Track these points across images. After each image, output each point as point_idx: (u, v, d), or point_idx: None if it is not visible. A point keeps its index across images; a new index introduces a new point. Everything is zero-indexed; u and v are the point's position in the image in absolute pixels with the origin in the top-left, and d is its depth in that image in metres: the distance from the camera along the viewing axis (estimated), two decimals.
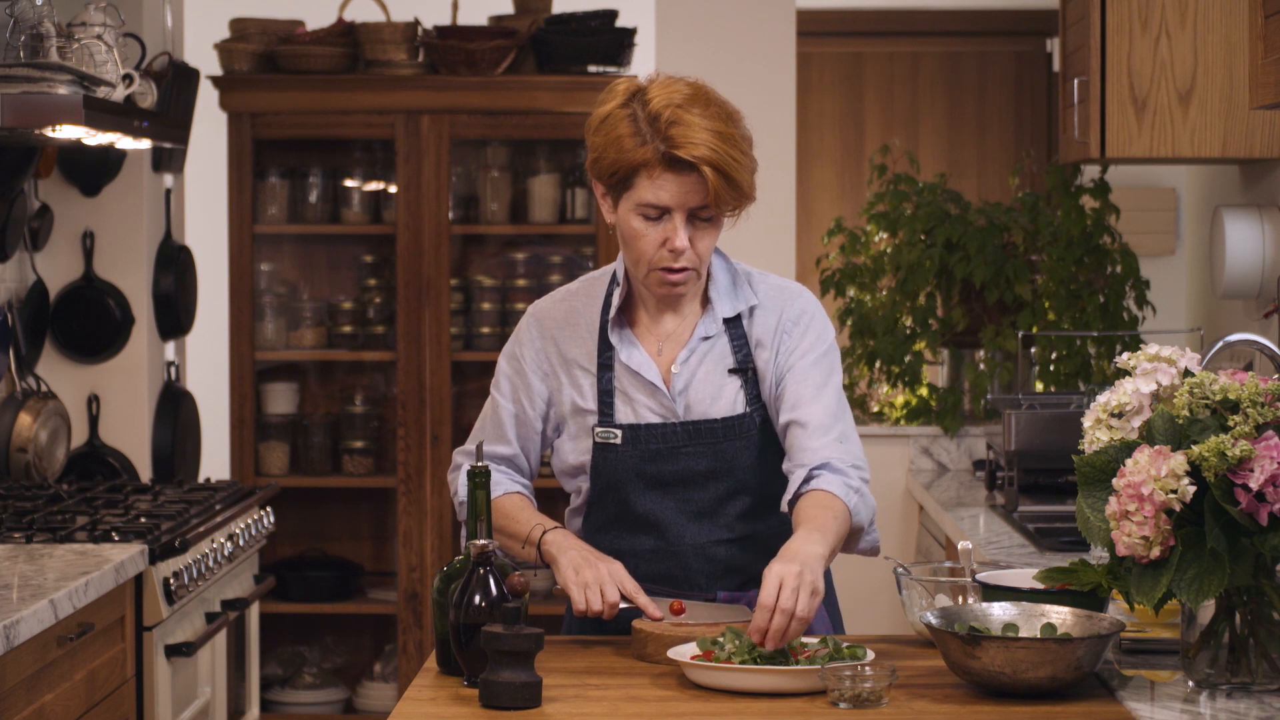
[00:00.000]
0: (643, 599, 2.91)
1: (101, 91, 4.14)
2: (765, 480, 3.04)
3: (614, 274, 3.10)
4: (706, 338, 3.05)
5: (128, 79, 4.30)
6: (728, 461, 3.02)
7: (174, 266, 5.31)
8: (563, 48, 5.80)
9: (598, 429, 3.04)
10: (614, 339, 3.05)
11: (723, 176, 2.88)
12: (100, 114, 4.04)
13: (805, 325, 3.05)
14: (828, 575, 3.16)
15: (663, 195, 2.91)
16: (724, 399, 3.03)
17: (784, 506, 2.96)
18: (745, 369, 3.04)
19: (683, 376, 3.03)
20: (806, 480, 2.93)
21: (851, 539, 2.97)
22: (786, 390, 3.00)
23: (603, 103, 2.98)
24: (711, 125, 2.89)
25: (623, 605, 2.91)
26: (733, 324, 3.06)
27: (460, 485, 3.09)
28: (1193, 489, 2.45)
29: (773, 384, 3.03)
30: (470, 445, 3.16)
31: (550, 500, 3.32)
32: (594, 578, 2.90)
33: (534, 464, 3.17)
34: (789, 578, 2.68)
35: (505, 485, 3.12)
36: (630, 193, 2.94)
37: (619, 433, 3.02)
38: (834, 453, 2.94)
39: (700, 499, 3.03)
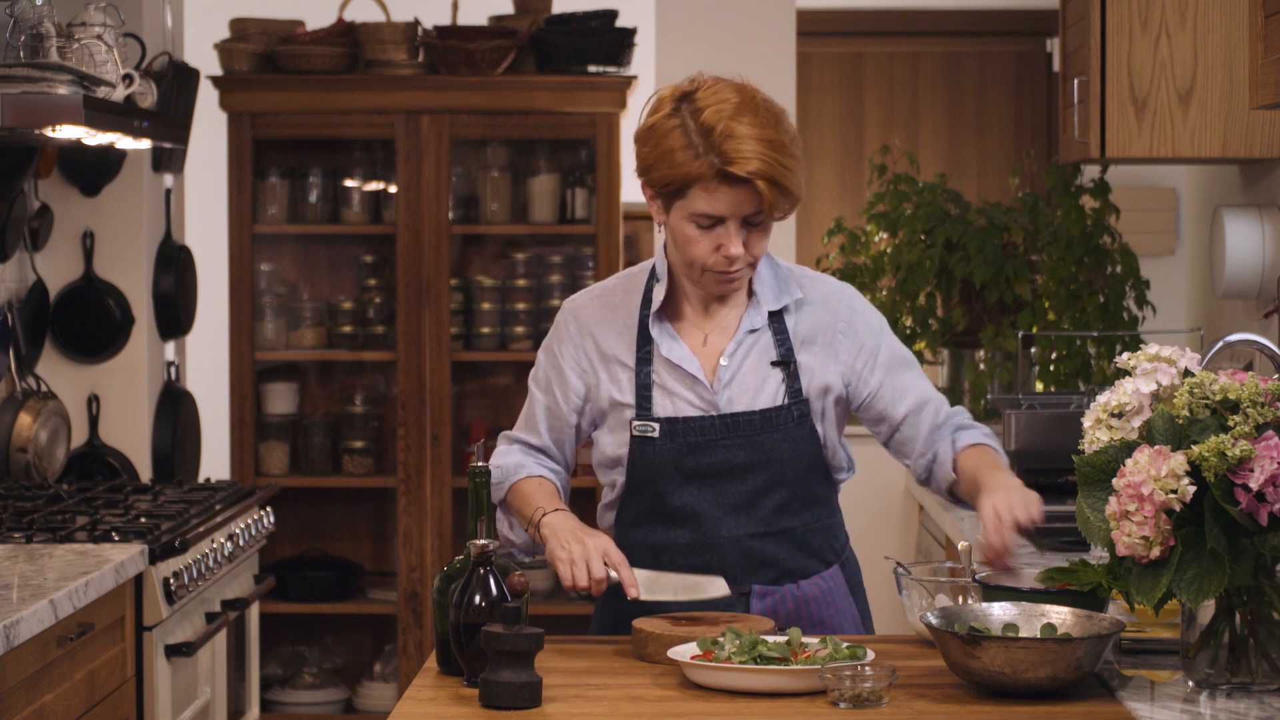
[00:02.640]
0: (625, 572, 2.92)
1: (101, 91, 4.14)
2: (801, 474, 3.07)
3: (653, 269, 3.12)
4: (752, 330, 3.07)
5: (128, 79, 4.30)
6: (766, 454, 3.03)
7: (174, 266, 5.32)
8: (563, 48, 5.80)
9: (635, 422, 3.05)
10: (655, 332, 3.07)
11: (775, 187, 2.92)
12: (100, 114, 4.04)
13: (862, 326, 3.11)
14: (858, 573, 3.18)
15: (718, 206, 2.94)
16: (766, 391, 3.05)
17: (948, 469, 3.07)
18: (788, 362, 3.06)
19: (730, 368, 3.06)
20: (956, 442, 3.07)
21: None
22: (883, 392, 3.10)
23: (649, 112, 3.00)
24: (763, 134, 2.92)
25: (612, 575, 2.92)
26: (775, 317, 3.08)
27: (500, 474, 3.13)
28: (1193, 489, 2.45)
29: (842, 387, 3.08)
30: (515, 432, 3.20)
31: (578, 499, 3.31)
32: (580, 553, 2.92)
33: (569, 456, 3.19)
34: (1013, 495, 2.88)
35: (529, 469, 3.14)
36: (683, 202, 2.96)
37: (657, 426, 3.04)
38: (951, 414, 3.12)
39: (737, 492, 3.04)
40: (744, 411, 3.04)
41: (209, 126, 6.00)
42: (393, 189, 5.95)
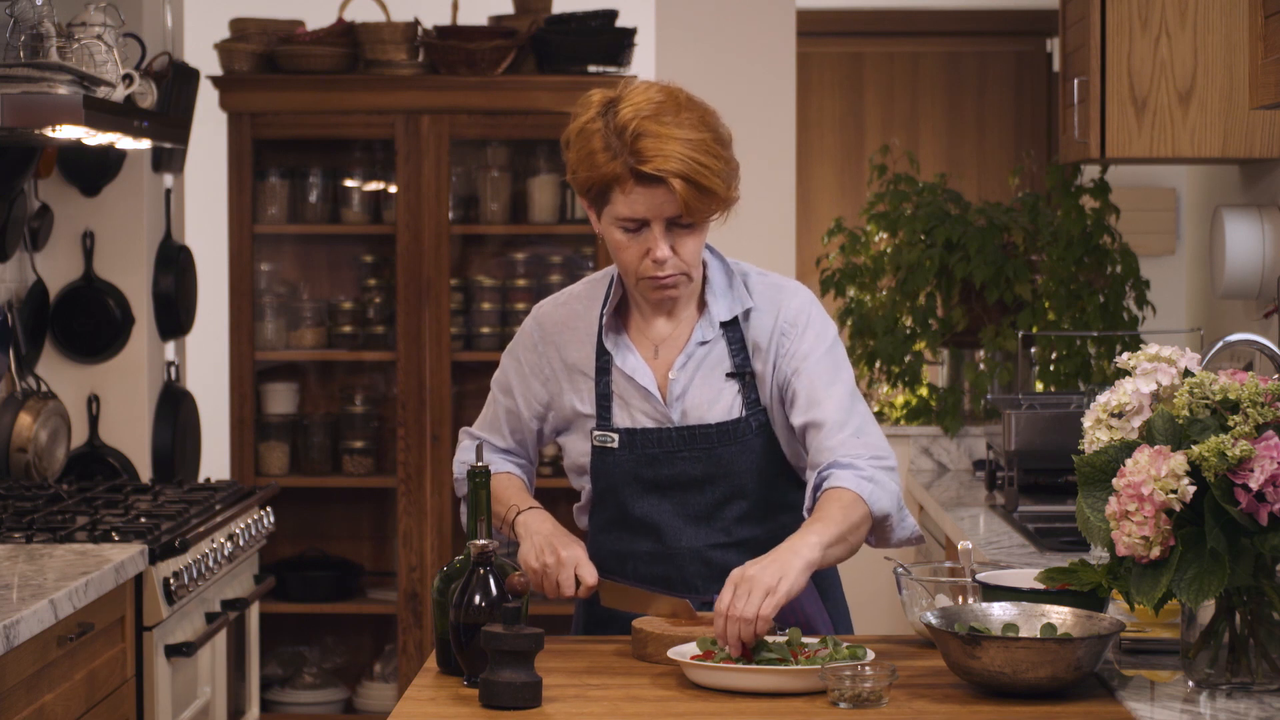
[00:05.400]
0: (584, 590, 2.93)
1: (101, 91, 4.14)
2: (763, 485, 3.04)
3: (613, 276, 3.10)
4: (703, 342, 3.03)
5: (128, 79, 4.30)
6: (723, 466, 3.01)
7: (174, 266, 5.32)
8: (563, 48, 5.80)
9: (595, 432, 3.04)
10: (609, 344, 3.05)
11: (693, 186, 2.86)
12: (100, 114, 4.04)
13: (804, 325, 3.02)
14: (833, 574, 3.16)
15: (637, 208, 2.90)
16: (721, 403, 3.02)
17: (805, 514, 2.94)
18: (743, 373, 3.03)
19: (680, 382, 3.03)
20: (819, 484, 2.92)
21: (881, 530, 2.94)
22: (797, 394, 2.99)
23: (577, 115, 2.96)
24: (682, 134, 2.86)
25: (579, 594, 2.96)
26: (730, 327, 3.04)
27: (463, 469, 3.14)
28: (1193, 489, 2.45)
29: (773, 388, 3.02)
30: (475, 429, 3.21)
31: (553, 500, 3.32)
32: (554, 564, 2.93)
33: (531, 454, 3.20)
34: (741, 582, 2.70)
35: (498, 464, 3.16)
36: (608, 206, 2.93)
37: (616, 436, 3.03)
38: (846, 449, 2.92)
39: (697, 503, 3.03)
40: (699, 424, 3.01)
41: (209, 126, 6.00)
42: (393, 189, 5.95)
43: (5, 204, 4.65)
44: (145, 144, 4.64)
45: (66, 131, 4.05)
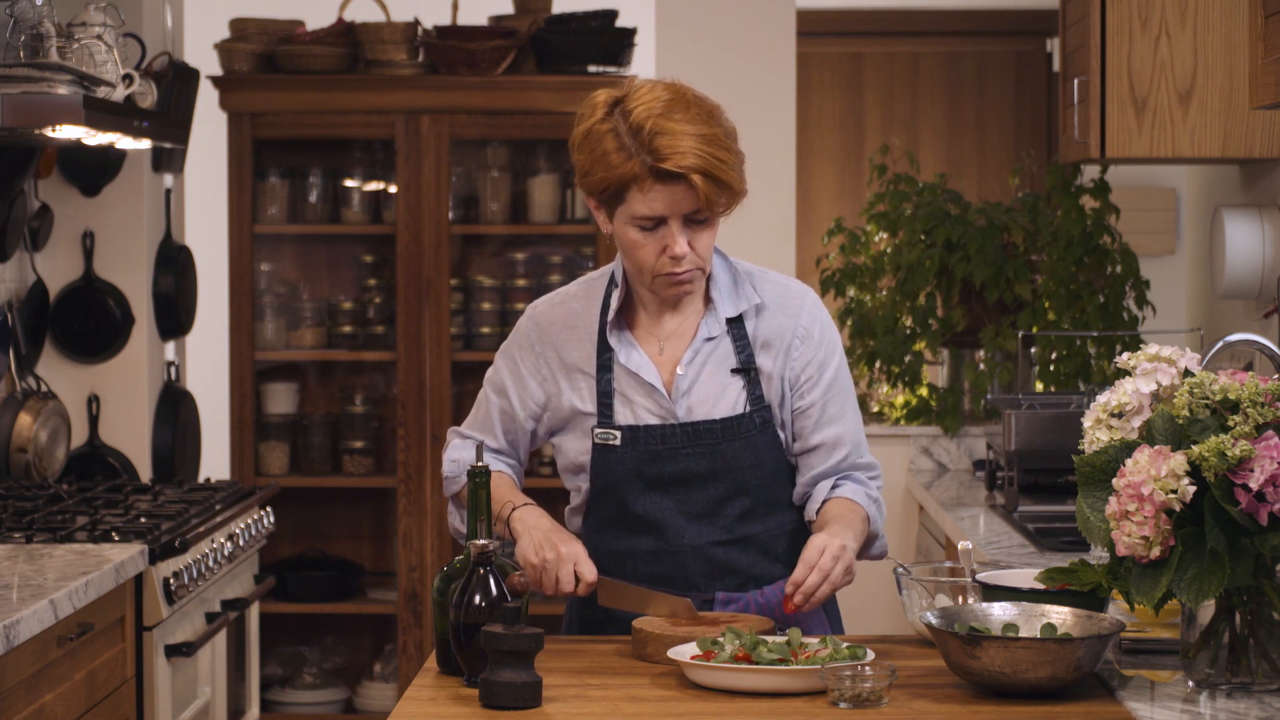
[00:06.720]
0: (584, 588, 2.93)
1: (101, 91, 4.14)
2: (764, 481, 3.05)
3: (612, 275, 3.11)
4: (710, 338, 3.05)
5: (128, 79, 4.30)
6: (726, 462, 3.02)
7: (174, 266, 5.32)
8: (563, 48, 5.80)
9: (597, 430, 3.04)
10: (613, 341, 3.05)
11: (712, 181, 2.89)
12: (100, 114, 4.04)
13: (819, 337, 3.09)
14: None
15: (656, 206, 2.92)
16: (726, 399, 3.03)
17: (809, 515, 3.08)
18: (748, 369, 3.04)
19: (687, 378, 3.04)
20: (835, 486, 3.08)
21: (865, 545, 3.10)
22: (812, 409, 3.07)
23: (584, 118, 2.97)
24: (695, 129, 2.89)
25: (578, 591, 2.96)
26: (734, 324, 3.06)
27: (455, 468, 3.15)
28: (1193, 489, 2.45)
29: (784, 389, 3.06)
30: (465, 429, 3.21)
31: (551, 500, 3.32)
32: (553, 559, 2.92)
33: (522, 455, 3.21)
34: (832, 546, 2.87)
35: (489, 465, 3.14)
36: (623, 206, 2.94)
37: (618, 434, 3.03)
38: (856, 467, 3.11)
39: (699, 500, 3.03)
40: (704, 420, 3.02)
41: (209, 126, 6.00)
42: (393, 189, 5.95)
43: (5, 204, 4.65)
44: (145, 144, 4.64)
45: (66, 131, 4.05)
